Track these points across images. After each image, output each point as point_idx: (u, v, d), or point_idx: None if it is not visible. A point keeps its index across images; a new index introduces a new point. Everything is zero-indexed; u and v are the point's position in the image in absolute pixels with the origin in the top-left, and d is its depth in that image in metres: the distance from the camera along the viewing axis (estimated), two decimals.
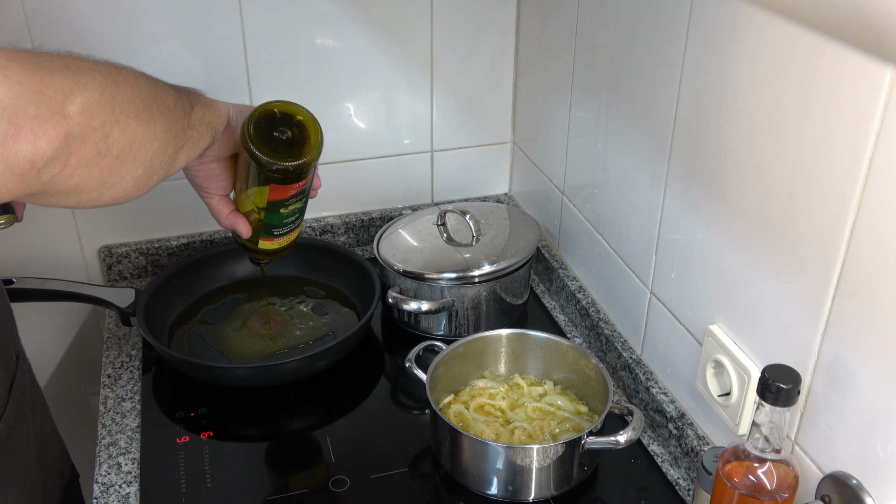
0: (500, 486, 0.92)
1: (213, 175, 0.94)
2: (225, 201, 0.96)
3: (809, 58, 0.69)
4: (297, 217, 0.98)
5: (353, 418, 1.08)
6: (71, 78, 0.63)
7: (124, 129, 0.67)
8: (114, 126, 0.66)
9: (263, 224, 0.96)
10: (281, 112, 0.90)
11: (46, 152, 0.60)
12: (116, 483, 0.96)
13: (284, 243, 1.01)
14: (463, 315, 1.18)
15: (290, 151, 0.89)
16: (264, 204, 0.93)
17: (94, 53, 1.14)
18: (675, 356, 0.99)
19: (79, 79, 0.64)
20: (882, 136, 0.63)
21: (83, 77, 0.64)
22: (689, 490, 0.96)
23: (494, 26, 1.33)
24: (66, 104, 0.61)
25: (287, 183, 0.91)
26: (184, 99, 0.79)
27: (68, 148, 0.62)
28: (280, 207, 0.94)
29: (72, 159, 0.63)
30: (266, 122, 0.89)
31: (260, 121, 0.88)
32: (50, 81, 0.60)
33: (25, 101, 0.58)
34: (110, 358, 1.17)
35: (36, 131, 0.59)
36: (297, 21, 1.23)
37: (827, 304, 0.72)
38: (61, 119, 0.61)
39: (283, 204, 0.94)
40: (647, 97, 0.97)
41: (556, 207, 1.29)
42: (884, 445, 0.68)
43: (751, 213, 0.80)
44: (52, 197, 0.66)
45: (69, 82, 0.62)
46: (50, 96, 0.60)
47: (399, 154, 1.39)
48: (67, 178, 0.64)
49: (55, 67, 0.62)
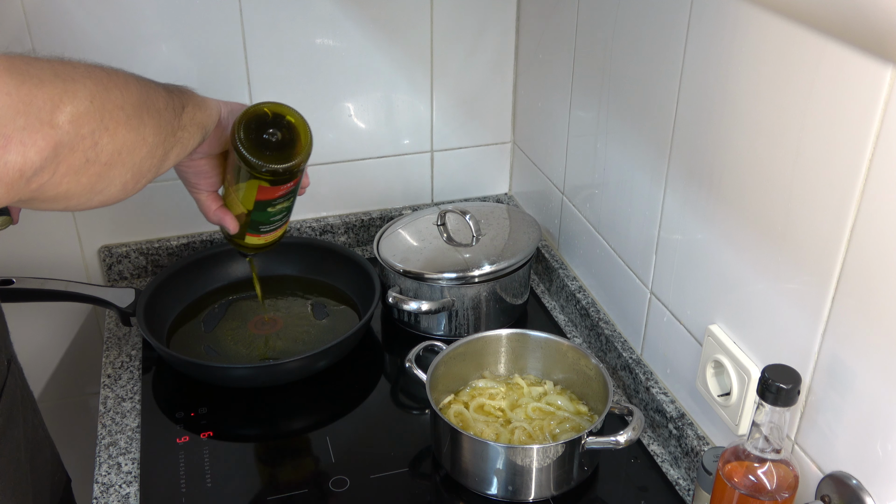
0: (500, 486, 0.92)
1: (202, 172, 0.94)
2: (213, 197, 0.97)
3: (809, 58, 0.69)
4: (284, 215, 0.99)
5: (353, 418, 1.08)
6: (61, 87, 0.63)
7: (113, 136, 0.67)
8: (103, 133, 0.66)
9: (251, 221, 0.97)
10: (272, 113, 0.90)
11: (35, 162, 0.60)
12: (116, 483, 0.96)
13: (271, 238, 1.02)
14: (463, 315, 1.18)
15: (279, 154, 0.89)
16: (252, 203, 0.94)
17: (94, 53, 1.16)
18: (675, 356, 0.99)
19: (69, 87, 0.63)
20: (882, 136, 0.63)
21: (73, 85, 0.64)
22: (689, 490, 0.96)
23: (494, 26, 1.33)
24: (55, 114, 0.61)
25: (276, 184, 0.91)
26: (175, 100, 0.79)
27: (57, 157, 0.62)
28: (268, 206, 0.95)
29: (60, 167, 0.63)
30: (256, 124, 0.89)
31: (250, 122, 0.88)
32: (39, 91, 0.60)
33: (15, 112, 0.58)
34: (110, 358, 1.17)
35: (25, 142, 0.59)
36: (297, 21, 1.23)
37: (827, 304, 0.72)
38: (50, 129, 0.61)
39: (270, 203, 0.94)
40: (647, 97, 0.97)
41: (556, 207, 1.29)
42: (884, 445, 0.68)
43: (751, 213, 0.80)
44: (41, 203, 0.66)
45: (59, 91, 0.62)
46: (39, 106, 0.60)
47: (399, 154, 1.39)
48: (56, 185, 0.64)
49: (45, 76, 0.62)
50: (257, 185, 0.91)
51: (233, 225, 0.97)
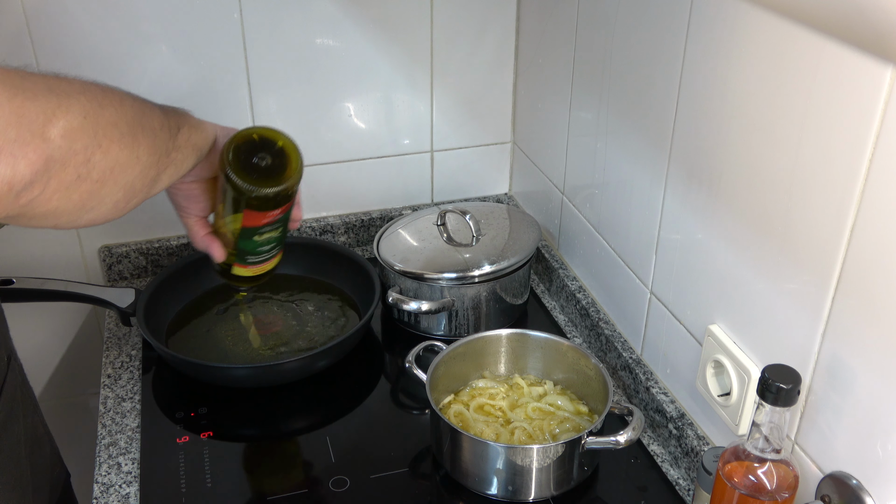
0: (500, 486, 0.92)
1: (192, 195, 0.93)
2: (202, 222, 0.95)
3: (809, 58, 0.69)
4: (273, 246, 0.96)
5: (353, 418, 1.08)
6: (54, 101, 0.62)
7: (106, 153, 0.67)
8: (96, 150, 0.65)
9: (238, 250, 0.95)
10: (261, 137, 0.89)
11: (25, 175, 0.59)
12: (116, 483, 0.96)
13: (259, 272, 0.99)
14: (463, 315, 1.18)
15: (267, 178, 0.88)
16: (238, 229, 0.92)
17: (94, 53, 1.16)
18: (675, 356, 0.99)
19: (62, 102, 0.62)
20: (882, 136, 0.63)
21: (67, 100, 0.63)
22: (689, 490, 0.96)
23: (494, 26, 1.33)
24: (47, 127, 0.60)
25: (262, 210, 0.89)
26: (171, 120, 0.79)
27: (48, 172, 0.61)
28: (254, 234, 0.92)
29: (51, 183, 0.62)
30: (246, 148, 0.88)
31: (240, 145, 0.87)
32: (32, 104, 0.60)
33: (6, 124, 0.57)
34: (110, 358, 1.17)
35: (15, 154, 0.58)
36: (297, 21, 1.23)
37: (827, 304, 0.72)
38: (42, 142, 0.60)
39: (257, 231, 0.92)
40: (647, 97, 0.97)
41: (556, 207, 1.29)
42: (884, 445, 0.68)
43: (751, 213, 0.80)
44: (29, 220, 0.65)
45: (52, 105, 0.61)
46: (31, 119, 0.59)
47: (399, 154, 1.39)
48: (46, 201, 0.63)
49: (39, 90, 0.61)
50: (244, 210, 0.89)
51: (219, 253, 0.95)
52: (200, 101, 1.24)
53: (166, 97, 1.22)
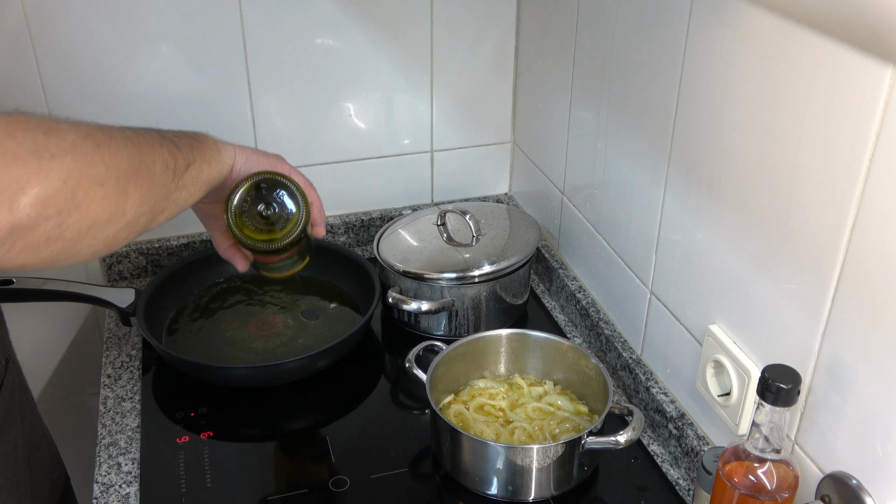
0: (500, 486, 0.92)
1: (212, 214, 0.93)
2: (225, 234, 0.95)
3: (809, 58, 0.69)
4: (296, 261, 0.97)
5: (353, 418, 1.07)
6: (34, 165, 0.59)
7: (84, 214, 0.64)
8: (72, 212, 0.63)
9: (259, 265, 0.97)
10: (264, 187, 0.88)
11: None
12: (116, 483, 0.96)
13: (285, 275, 0.99)
14: (463, 315, 1.18)
15: (272, 231, 0.88)
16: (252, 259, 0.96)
17: (93, 53, 1.16)
18: (675, 356, 0.99)
19: (42, 166, 0.60)
20: (882, 136, 0.63)
21: (49, 164, 0.60)
22: (689, 490, 0.96)
23: (494, 26, 1.33)
24: (18, 197, 0.58)
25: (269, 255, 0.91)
26: (179, 158, 0.76)
27: (12, 237, 0.59)
28: (268, 264, 0.95)
29: (17, 245, 0.60)
30: (250, 200, 0.88)
31: (243, 199, 0.88)
32: (7, 171, 0.57)
33: None
34: (110, 358, 1.17)
35: None
36: (296, 21, 1.23)
37: (827, 304, 0.72)
38: (8, 212, 0.58)
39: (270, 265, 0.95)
40: (647, 97, 0.97)
41: (556, 207, 1.29)
42: (884, 445, 0.68)
43: (751, 213, 0.80)
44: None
45: (30, 171, 0.59)
46: (2, 189, 0.57)
47: (399, 154, 1.39)
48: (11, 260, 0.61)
49: (21, 152, 0.59)
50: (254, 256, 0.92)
51: (241, 265, 0.97)
52: (200, 102, 1.24)
53: (166, 97, 1.23)
